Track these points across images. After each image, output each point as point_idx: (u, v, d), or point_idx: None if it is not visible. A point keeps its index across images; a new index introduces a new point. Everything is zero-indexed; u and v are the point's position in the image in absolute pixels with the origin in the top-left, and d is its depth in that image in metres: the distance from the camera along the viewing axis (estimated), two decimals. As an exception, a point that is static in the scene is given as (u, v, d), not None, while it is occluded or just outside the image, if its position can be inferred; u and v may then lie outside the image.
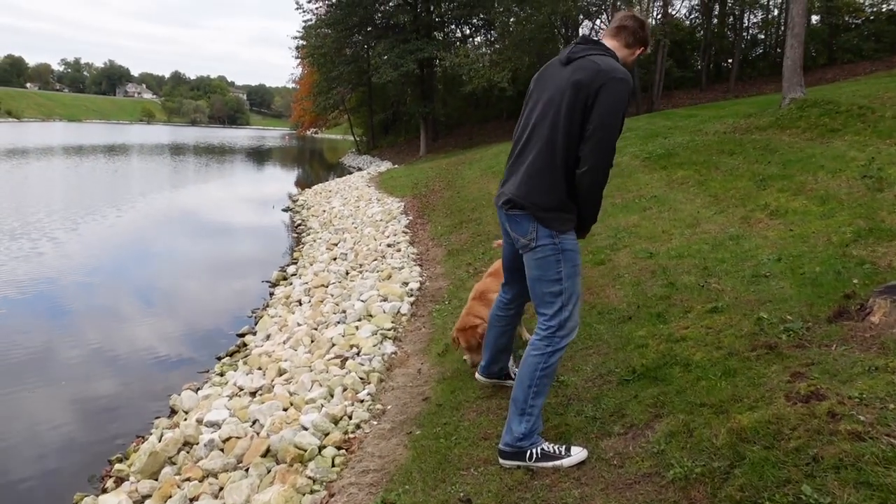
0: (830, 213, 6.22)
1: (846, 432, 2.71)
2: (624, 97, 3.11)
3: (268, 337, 7.66)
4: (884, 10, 36.49)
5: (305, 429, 4.43)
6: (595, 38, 3.34)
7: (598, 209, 3.35)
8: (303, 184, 28.33)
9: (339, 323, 7.04)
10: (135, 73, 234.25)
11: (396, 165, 32.40)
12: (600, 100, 3.05)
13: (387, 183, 21.42)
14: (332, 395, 5.04)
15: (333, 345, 6.36)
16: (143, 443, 5.23)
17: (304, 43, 42.84)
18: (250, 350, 7.34)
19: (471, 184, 17.00)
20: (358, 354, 5.86)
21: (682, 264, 5.89)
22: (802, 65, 13.83)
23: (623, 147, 15.08)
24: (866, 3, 37.33)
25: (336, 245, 12.04)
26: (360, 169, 34.66)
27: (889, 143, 8.50)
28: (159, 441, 5.04)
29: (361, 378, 5.27)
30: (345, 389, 5.03)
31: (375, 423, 4.40)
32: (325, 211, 17.19)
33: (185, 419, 5.54)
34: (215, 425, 5.10)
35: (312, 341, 6.81)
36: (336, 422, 4.50)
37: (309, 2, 39.69)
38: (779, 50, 37.22)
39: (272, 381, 5.90)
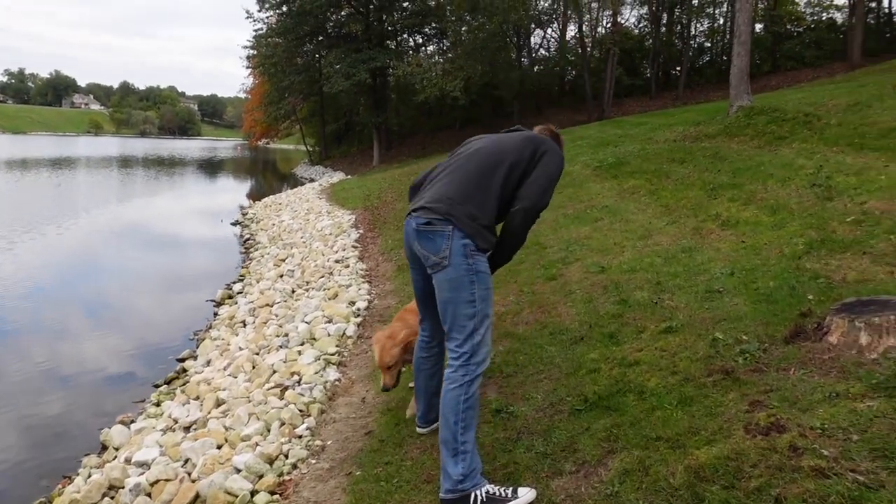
0: (781, 224, 6.12)
1: (809, 469, 2.53)
2: (562, 166, 3.41)
3: (208, 362, 7.28)
4: (823, 18, 37.56)
5: (239, 471, 4.11)
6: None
7: (516, 252, 3.41)
8: (255, 195, 27.73)
9: (281, 347, 6.70)
10: (82, 83, 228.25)
11: (349, 176, 32.03)
12: (546, 158, 3.31)
13: (338, 194, 21.07)
14: (268, 431, 4.72)
15: (274, 372, 6.03)
16: (69, 484, 4.85)
17: (255, 52, 42.26)
18: (189, 377, 6.97)
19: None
20: (299, 383, 5.53)
21: (635, 279, 5.73)
22: (749, 72, 13.95)
23: (574, 156, 15.02)
24: (807, 12, 38.37)
25: (284, 261, 11.66)
26: (312, 180, 34.17)
27: (836, 151, 8.51)
28: (86, 483, 4.67)
29: (301, 410, 4.96)
30: (282, 424, 4.71)
31: (314, 461, 4.10)
32: (274, 224, 16.75)
33: (115, 457, 5.18)
34: (144, 465, 4.74)
35: (254, 367, 6.45)
36: (271, 462, 4.19)
37: (260, 11, 38.89)
38: (725, 58, 37.89)
39: (208, 413, 5.54)
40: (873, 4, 35.76)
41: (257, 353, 6.87)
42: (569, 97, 42.30)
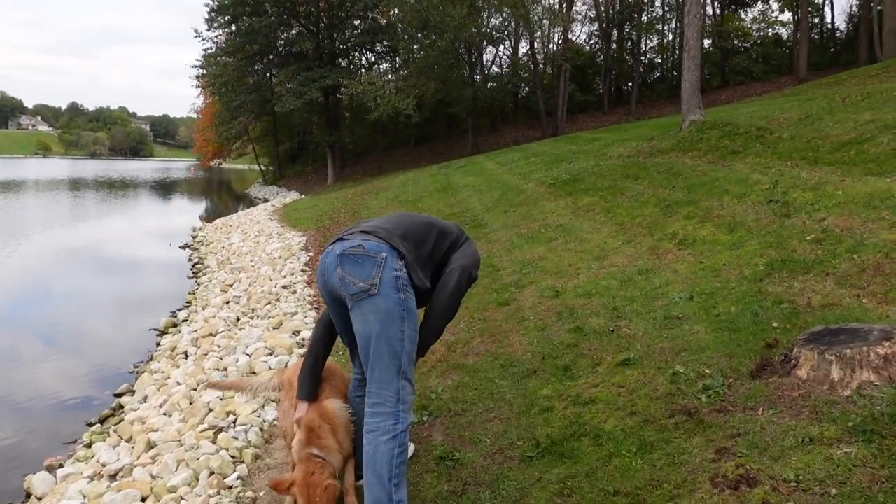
0: (740, 243, 5.91)
1: (786, 531, 2.24)
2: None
3: (145, 398, 6.79)
4: (770, 34, 38.42)
5: (159, 531, 3.69)
6: None
7: (446, 323, 3.17)
8: (209, 216, 26.96)
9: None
10: (29, 104, 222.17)
11: (303, 195, 31.52)
12: (471, 244, 3.33)
13: (291, 215, 20.57)
14: (197, 481, 4.30)
15: (210, 410, 5.59)
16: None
17: (205, 72, 41.52)
18: (125, 414, 6.47)
19: (376, 215, 16.37)
20: (234, 424, 5.11)
21: (591, 304, 5.45)
22: (700, 87, 13.94)
23: (528, 173, 14.86)
24: (753, 28, 39.24)
25: (231, 286, 11.15)
26: (266, 200, 33.52)
27: (790, 165, 8.40)
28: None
29: (234, 457, 4.53)
30: (211, 473, 4.29)
31: (242, 518, 3.69)
32: (223, 248, 16.17)
33: (35, 510, 4.71)
34: (62, 522, 4.29)
35: (191, 404, 6.00)
36: (195, 520, 3.77)
37: (208, 30, 38.18)
38: (675, 73, 38.53)
39: (137, 457, 5.08)
40: (817, 20, 36.70)
41: (195, 389, 6.41)
42: (523, 113, 42.50)
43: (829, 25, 38.12)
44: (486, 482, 3.22)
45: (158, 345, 8.84)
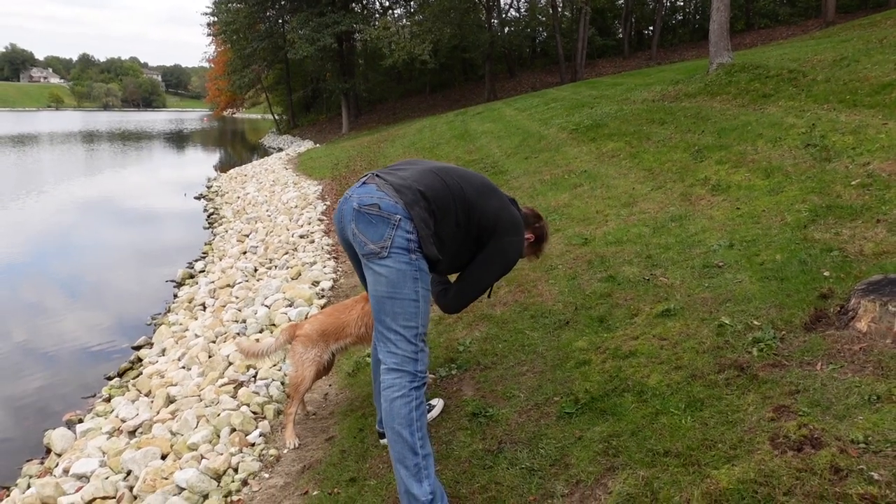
0: (779, 188, 5.62)
1: (858, 498, 2.05)
2: (515, 260, 3.16)
3: (163, 351, 6.70)
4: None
5: (182, 489, 3.57)
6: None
7: (471, 296, 3.08)
8: (225, 166, 26.70)
9: (238, 335, 6.14)
10: (39, 56, 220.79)
11: (318, 144, 31.17)
12: (507, 240, 3.05)
13: (306, 164, 20.31)
14: (218, 438, 4.17)
15: (230, 364, 5.47)
16: (6, 497, 4.30)
17: (216, 19, 40.80)
18: (144, 367, 6.39)
19: (392, 162, 16.09)
20: (255, 379, 4.98)
21: (622, 252, 5.22)
22: (728, 28, 13.38)
23: (549, 119, 14.46)
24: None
25: (247, 237, 11.00)
26: (280, 149, 33.21)
27: (827, 109, 8.01)
28: (21, 496, 4.12)
29: (255, 413, 4.41)
30: (233, 430, 4.16)
31: (267, 475, 3.56)
32: (239, 198, 15.99)
33: (57, 465, 4.63)
34: (83, 478, 4.19)
35: (210, 357, 5.89)
36: (219, 478, 3.64)
37: (219, -25, 37.44)
38: (698, 16, 37.41)
39: (157, 413, 4.98)
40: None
41: (213, 342, 6.30)
42: (541, 59, 41.62)
43: (859, -37, 36.69)
44: (523, 440, 3.05)
45: (176, 296, 8.75)
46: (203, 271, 9.57)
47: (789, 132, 7.30)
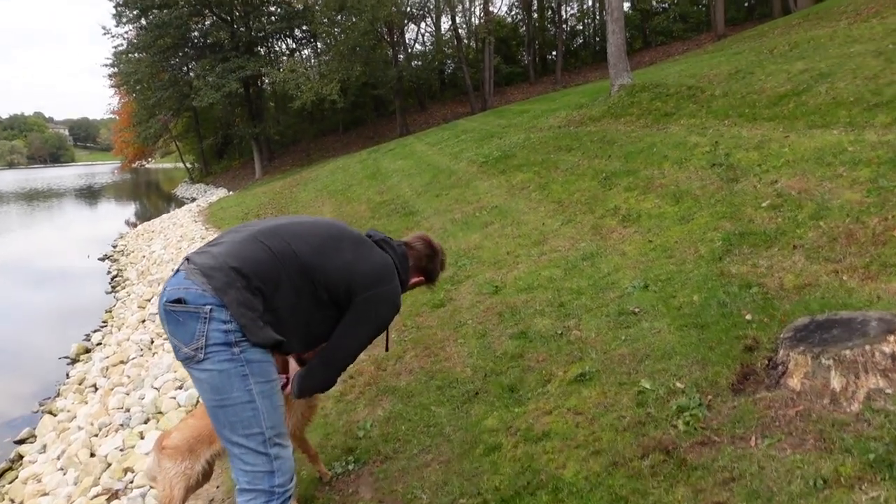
0: (689, 215, 5.36)
1: None
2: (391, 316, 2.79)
3: (44, 447, 5.96)
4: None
5: None
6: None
7: (336, 367, 2.61)
8: (138, 220, 25.50)
9: (122, 426, 5.45)
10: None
11: (231, 192, 30.24)
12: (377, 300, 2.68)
13: (216, 215, 19.48)
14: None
15: (109, 465, 4.80)
16: None
17: (117, 70, 39.42)
18: (22, 469, 5.64)
19: (304, 208, 15.54)
20: (132, 485, 4.33)
21: (534, 300, 4.82)
22: (626, 50, 13.44)
23: (459, 152, 14.20)
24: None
25: (149, 301, 10.19)
26: (193, 199, 32.07)
27: (728, 124, 7.92)
28: None
29: (126, 533, 3.79)
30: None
31: None
32: (144, 257, 15.07)
33: None
34: None
35: (92, 455, 5.20)
36: None
37: (117, 26, 35.99)
38: (598, 38, 38.32)
39: (22, 535, 4.29)
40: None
41: (96, 435, 5.60)
42: (450, 90, 41.80)
43: (743, -21, 38.40)
44: (424, 559, 2.56)
45: (68, 375, 7.94)
46: (100, 343, 8.78)
47: (694, 152, 7.13)
